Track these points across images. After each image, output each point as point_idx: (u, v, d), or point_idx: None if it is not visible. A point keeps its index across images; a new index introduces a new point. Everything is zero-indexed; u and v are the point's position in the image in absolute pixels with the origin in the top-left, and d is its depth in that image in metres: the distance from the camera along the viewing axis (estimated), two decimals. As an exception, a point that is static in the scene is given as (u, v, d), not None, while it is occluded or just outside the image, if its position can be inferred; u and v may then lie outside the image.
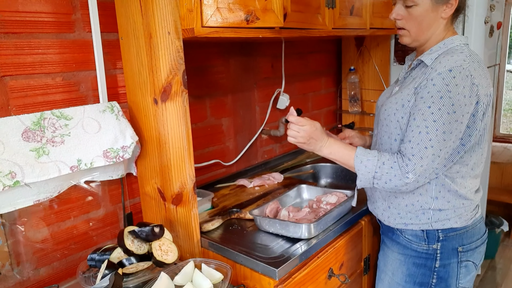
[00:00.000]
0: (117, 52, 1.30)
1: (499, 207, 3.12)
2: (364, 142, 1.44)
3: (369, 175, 1.10)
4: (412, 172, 1.05)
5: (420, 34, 1.15)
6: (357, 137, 1.43)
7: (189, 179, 1.18)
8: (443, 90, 1.03)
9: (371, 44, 2.19)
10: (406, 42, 1.19)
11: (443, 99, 1.03)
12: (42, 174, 1.06)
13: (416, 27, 1.14)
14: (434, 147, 1.04)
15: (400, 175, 1.06)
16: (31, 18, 1.10)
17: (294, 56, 2.05)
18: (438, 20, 1.13)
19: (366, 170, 1.10)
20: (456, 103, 1.03)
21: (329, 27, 1.53)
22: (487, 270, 2.66)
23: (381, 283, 1.32)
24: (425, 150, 1.04)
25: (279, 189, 1.64)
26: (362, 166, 1.11)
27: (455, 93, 1.02)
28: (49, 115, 1.10)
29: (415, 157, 1.05)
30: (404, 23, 1.15)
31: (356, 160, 1.12)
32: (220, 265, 1.07)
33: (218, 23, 1.10)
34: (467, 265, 1.19)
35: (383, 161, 1.09)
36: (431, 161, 1.05)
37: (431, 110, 1.04)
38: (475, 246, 1.19)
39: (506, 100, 5.23)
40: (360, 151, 1.13)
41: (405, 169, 1.06)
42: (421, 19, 1.12)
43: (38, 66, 1.13)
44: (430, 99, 1.04)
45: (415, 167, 1.05)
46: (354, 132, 1.44)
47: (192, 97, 1.58)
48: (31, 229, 1.15)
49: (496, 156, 3.24)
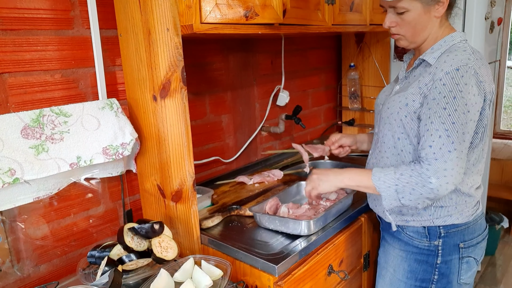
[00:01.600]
0: (116, 48, 1.29)
1: (499, 203, 3.12)
2: (353, 139, 1.44)
3: (391, 190, 1.07)
4: (434, 176, 1.02)
5: (416, 36, 1.14)
6: (344, 137, 1.44)
7: (189, 176, 1.18)
8: (455, 89, 1.02)
9: (371, 41, 2.19)
10: (403, 45, 1.18)
11: (457, 99, 1.01)
12: (41, 171, 1.06)
13: (411, 31, 1.13)
14: (457, 149, 1.02)
15: (422, 181, 1.03)
16: (29, 14, 1.09)
17: (294, 53, 2.04)
18: (432, 20, 1.12)
19: (386, 186, 1.08)
20: (469, 102, 1.02)
21: (328, 23, 1.53)
22: (487, 266, 2.66)
23: (382, 280, 1.32)
24: (449, 154, 1.02)
25: (279, 186, 1.64)
26: (381, 182, 1.08)
27: (466, 92, 1.01)
28: (48, 112, 1.10)
29: (438, 161, 1.02)
30: (399, 29, 1.14)
31: (373, 178, 1.10)
32: (220, 261, 1.07)
33: (217, 19, 1.10)
34: (469, 261, 1.19)
35: (401, 172, 1.06)
36: (456, 165, 1.02)
37: (447, 111, 1.02)
38: (476, 242, 1.19)
39: (507, 96, 5.22)
40: (376, 170, 1.12)
41: (425, 174, 1.02)
42: (414, 23, 1.11)
43: (37, 63, 1.13)
44: (443, 99, 1.02)
45: (438, 171, 1.02)
46: (340, 134, 1.45)
47: (191, 94, 1.58)
48: (31, 226, 1.15)
49: (496, 152, 3.24)
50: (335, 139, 1.44)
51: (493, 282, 2.50)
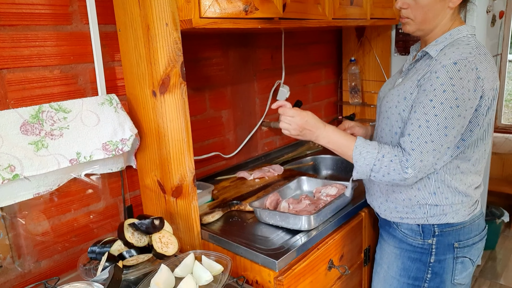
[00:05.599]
0: (115, 44, 1.29)
1: (500, 197, 3.12)
2: (365, 131, 1.39)
3: (367, 168, 1.08)
4: (411, 167, 1.02)
5: (425, 23, 1.11)
6: (357, 127, 1.37)
7: (189, 172, 1.18)
8: (447, 83, 1.00)
9: (371, 35, 2.17)
10: (409, 30, 1.14)
11: (446, 92, 1.00)
12: (41, 167, 1.06)
13: (422, 16, 1.10)
14: (434, 141, 1.01)
15: (400, 169, 1.04)
16: (27, 10, 1.09)
17: (294, 47, 2.03)
18: (445, 10, 1.09)
19: (364, 162, 1.08)
20: (460, 97, 1.00)
21: (329, 17, 1.52)
22: (487, 260, 2.67)
23: (376, 276, 1.32)
24: (425, 145, 1.02)
25: (279, 181, 1.64)
26: (361, 158, 1.08)
27: (459, 87, 0.99)
28: (48, 108, 1.09)
29: (415, 151, 1.02)
30: (409, 12, 1.11)
31: (355, 151, 1.09)
32: (220, 257, 1.07)
33: (216, 13, 1.09)
34: (464, 261, 1.17)
35: (383, 154, 1.06)
36: (432, 156, 1.03)
37: (432, 103, 1.01)
38: (473, 243, 1.17)
39: (508, 90, 5.20)
40: (359, 142, 1.10)
41: (405, 164, 1.03)
42: (428, 8, 1.08)
43: (35, 59, 1.12)
44: (432, 92, 1.01)
45: (415, 162, 1.02)
46: (354, 123, 1.39)
47: (191, 89, 1.57)
48: (32, 222, 1.16)
49: (497, 147, 3.23)
50: (348, 126, 1.37)
51: (493, 276, 2.51)
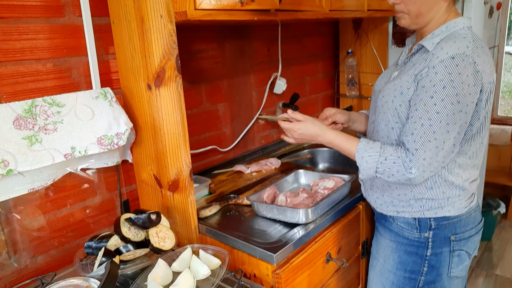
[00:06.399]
0: (109, 36, 1.27)
1: (496, 189, 3.13)
2: (347, 117, 1.38)
3: (371, 171, 1.09)
4: (415, 167, 1.02)
5: (420, 17, 1.10)
6: (339, 114, 1.36)
7: (185, 166, 1.17)
8: (446, 79, 0.98)
9: (368, 27, 2.16)
10: (404, 24, 1.14)
11: (446, 89, 0.98)
12: (35, 162, 1.05)
13: (416, 10, 1.09)
14: (437, 139, 1.01)
15: (403, 170, 1.03)
16: (18, 2, 1.06)
17: (290, 40, 2.01)
18: (439, 2, 1.08)
19: (367, 166, 1.09)
20: (460, 93, 0.99)
21: (325, 9, 1.50)
22: (484, 251, 2.69)
23: (373, 270, 1.32)
24: (429, 144, 1.01)
25: (276, 174, 1.63)
26: (363, 161, 1.09)
27: (459, 82, 0.98)
28: (41, 102, 1.08)
29: (419, 151, 1.02)
30: (403, 7, 1.10)
31: (357, 155, 1.10)
32: (218, 251, 1.07)
33: (212, 5, 1.07)
34: (460, 254, 1.17)
35: (385, 156, 1.06)
36: (435, 154, 1.02)
37: (433, 100, 1.00)
38: (469, 235, 1.17)
39: (504, 82, 5.21)
40: (361, 146, 1.10)
41: (408, 164, 1.03)
42: (421, 2, 1.07)
43: (28, 52, 1.10)
44: (432, 88, 1.00)
45: (419, 162, 1.02)
46: (335, 109, 1.37)
47: (186, 83, 1.56)
48: (28, 218, 1.15)
49: (494, 138, 3.24)
50: (329, 114, 1.36)
51: (489, 266, 2.53)
